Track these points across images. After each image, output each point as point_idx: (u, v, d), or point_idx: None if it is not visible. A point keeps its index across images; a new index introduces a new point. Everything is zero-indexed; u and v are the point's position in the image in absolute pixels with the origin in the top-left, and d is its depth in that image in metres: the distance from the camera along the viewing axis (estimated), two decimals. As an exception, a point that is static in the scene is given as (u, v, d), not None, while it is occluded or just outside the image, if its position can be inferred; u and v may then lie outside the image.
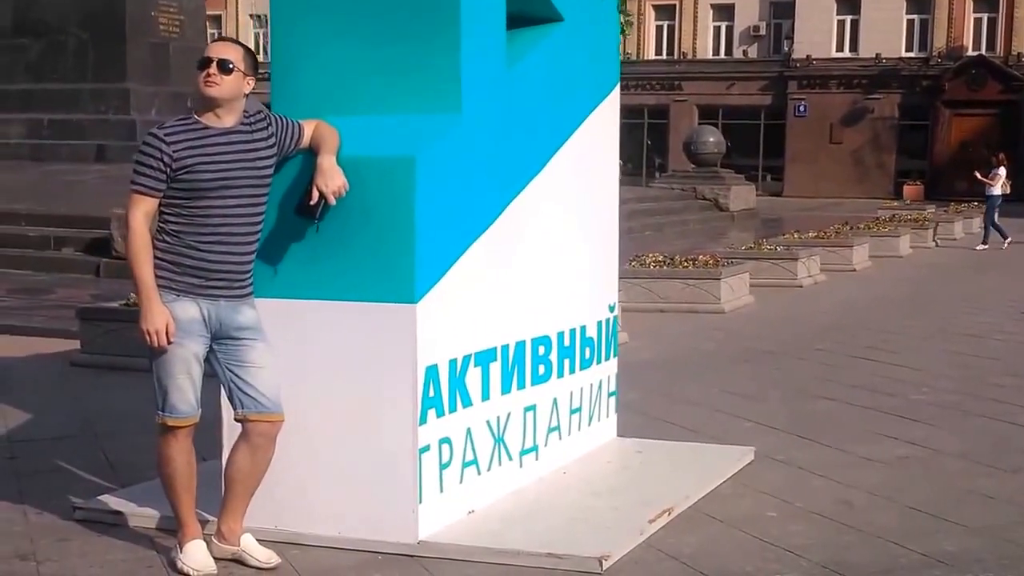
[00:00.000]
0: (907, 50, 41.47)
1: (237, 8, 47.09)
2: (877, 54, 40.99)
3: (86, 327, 8.28)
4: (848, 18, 41.62)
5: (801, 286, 13.37)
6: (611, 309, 5.83)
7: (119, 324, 8.08)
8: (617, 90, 5.87)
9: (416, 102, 4.52)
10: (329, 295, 4.36)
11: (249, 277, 4.21)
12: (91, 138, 18.37)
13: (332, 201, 4.16)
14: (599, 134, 5.67)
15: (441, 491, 4.45)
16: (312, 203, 4.17)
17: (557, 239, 5.27)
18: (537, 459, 5.14)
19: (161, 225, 4.10)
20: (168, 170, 4.00)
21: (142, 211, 4.01)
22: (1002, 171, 20.31)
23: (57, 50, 18.82)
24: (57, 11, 18.76)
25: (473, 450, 4.67)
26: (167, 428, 4.12)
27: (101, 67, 18.60)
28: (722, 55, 43.77)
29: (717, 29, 43.66)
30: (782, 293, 12.68)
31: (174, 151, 4.01)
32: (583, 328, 5.51)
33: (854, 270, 15.23)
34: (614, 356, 5.86)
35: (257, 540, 4.24)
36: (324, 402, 4.39)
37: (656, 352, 8.87)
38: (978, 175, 21.18)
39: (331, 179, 4.15)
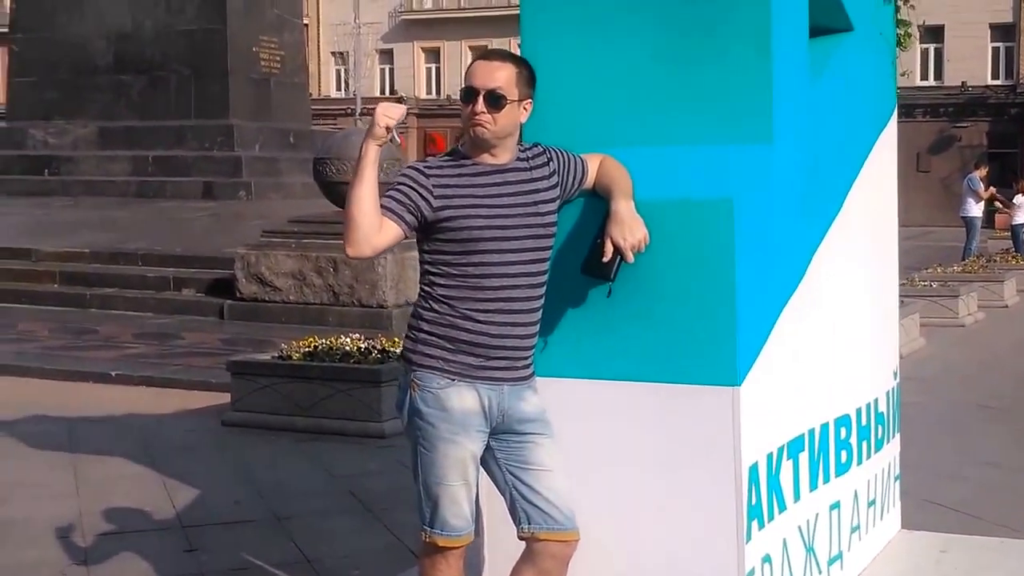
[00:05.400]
0: (993, 78, 40.69)
1: (319, 46, 46.45)
2: (963, 82, 40.13)
3: (238, 382, 7.40)
4: (932, 47, 40.58)
5: (963, 325, 12.27)
6: (895, 376, 4.84)
7: (274, 379, 7.22)
8: (895, 115, 4.90)
9: (716, 129, 3.56)
10: (623, 375, 3.40)
11: (532, 354, 3.29)
12: (196, 175, 17.88)
13: (630, 258, 3.22)
14: (882, 167, 4.69)
15: (762, 625, 3.48)
16: (606, 260, 3.24)
17: (849, 294, 4.30)
18: (842, 568, 4.15)
19: (427, 289, 3.20)
20: (424, 203, 3.12)
21: None
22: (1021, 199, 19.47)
23: (159, 87, 18.45)
24: (158, 48, 18.38)
25: (789, 567, 3.69)
26: (435, 548, 3.21)
27: (204, 103, 18.22)
28: (804, 85, 42.76)
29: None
30: (948, 334, 11.57)
31: (434, 185, 3.13)
32: (875, 402, 4.52)
33: (1006, 306, 14.08)
34: (898, 432, 4.86)
35: None
36: (614, 513, 3.42)
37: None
38: (999, 203, 20.25)
39: (631, 230, 3.20)
